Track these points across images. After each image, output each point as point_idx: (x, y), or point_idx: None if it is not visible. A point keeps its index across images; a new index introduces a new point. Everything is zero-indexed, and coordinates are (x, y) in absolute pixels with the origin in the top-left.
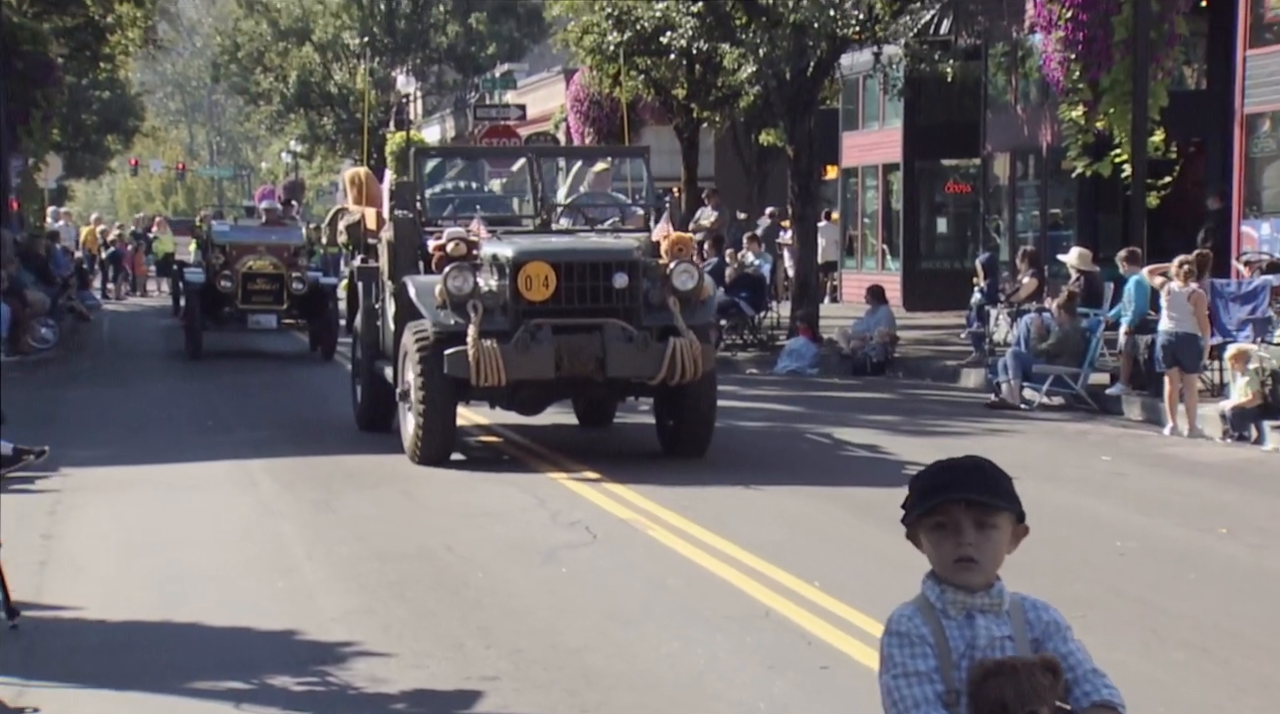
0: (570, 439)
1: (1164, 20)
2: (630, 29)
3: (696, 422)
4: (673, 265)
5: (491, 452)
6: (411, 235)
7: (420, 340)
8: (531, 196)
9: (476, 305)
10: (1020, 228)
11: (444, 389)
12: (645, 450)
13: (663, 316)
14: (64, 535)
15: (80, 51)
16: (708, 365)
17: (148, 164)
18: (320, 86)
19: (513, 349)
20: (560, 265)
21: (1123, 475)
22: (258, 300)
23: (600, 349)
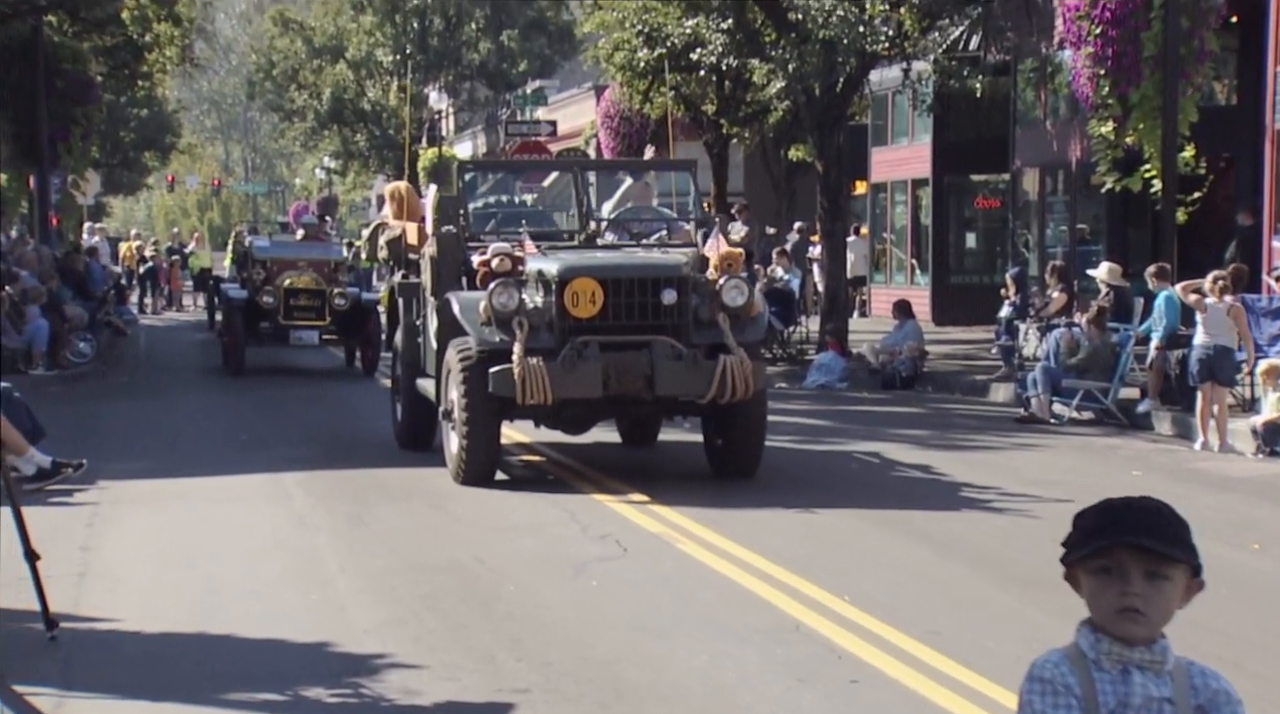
0: (613, 458)
1: (1194, 36)
2: (661, 46)
3: (746, 441)
4: (722, 281)
5: (534, 471)
6: (455, 251)
7: (464, 358)
8: (576, 211)
9: (522, 322)
10: (1049, 243)
11: (488, 408)
12: (690, 470)
13: (712, 334)
14: (101, 547)
15: (119, 70)
16: (759, 384)
17: (184, 180)
18: (354, 103)
19: (559, 367)
20: (607, 281)
21: (1153, 490)
22: (300, 316)
23: (648, 367)
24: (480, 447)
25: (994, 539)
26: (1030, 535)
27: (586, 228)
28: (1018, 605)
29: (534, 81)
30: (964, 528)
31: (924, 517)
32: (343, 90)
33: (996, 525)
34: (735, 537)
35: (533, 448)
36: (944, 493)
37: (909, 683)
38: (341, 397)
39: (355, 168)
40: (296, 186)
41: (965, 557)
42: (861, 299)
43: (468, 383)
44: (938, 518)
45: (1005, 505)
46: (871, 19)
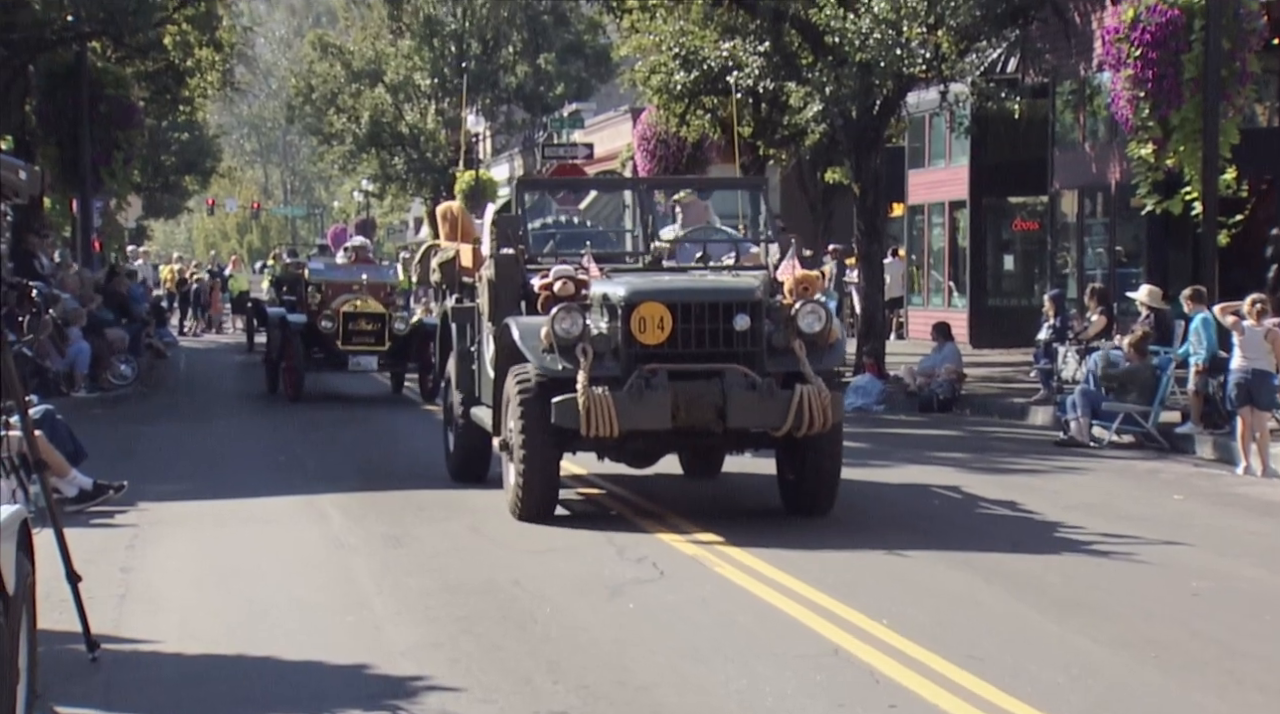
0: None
1: (1235, 58)
2: (697, 69)
3: (821, 476)
4: (798, 306)
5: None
6: (514, 273)
7: (524, 386)
8: (641, 232)
9: (586, 349)
10: (1088, 265)
11: (548, 439)
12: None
13: (787, 362)
14: (142, 569)
15: (161, 95)
16: (837, 416)
17: (224, 203)
18: (392, 127)
19: (625, 397)
20: (676, 306)
21: (1195, 515)
22: (359, 341)
23: (720, 397)
24: (540, 480)
25: (1035, 564)
26: (1072, 560)
27: (651, 249)
28: (1059, 631)
29: (571, 104)
30: (1005, 552)
31: (965, 541)
32: (381, 114)
33: (1037, 550)
34: (772, 560)
35: (588, 480)
36: (984, 517)
37: (949, 708)
38: (380, 420)
39: (393, 190)
40: (335, 209)
41: (1006, 581)
42: (899, 321)
43: (527, 413)
44: (978, 542)
45: (1046, 530)
46: (909, 41)
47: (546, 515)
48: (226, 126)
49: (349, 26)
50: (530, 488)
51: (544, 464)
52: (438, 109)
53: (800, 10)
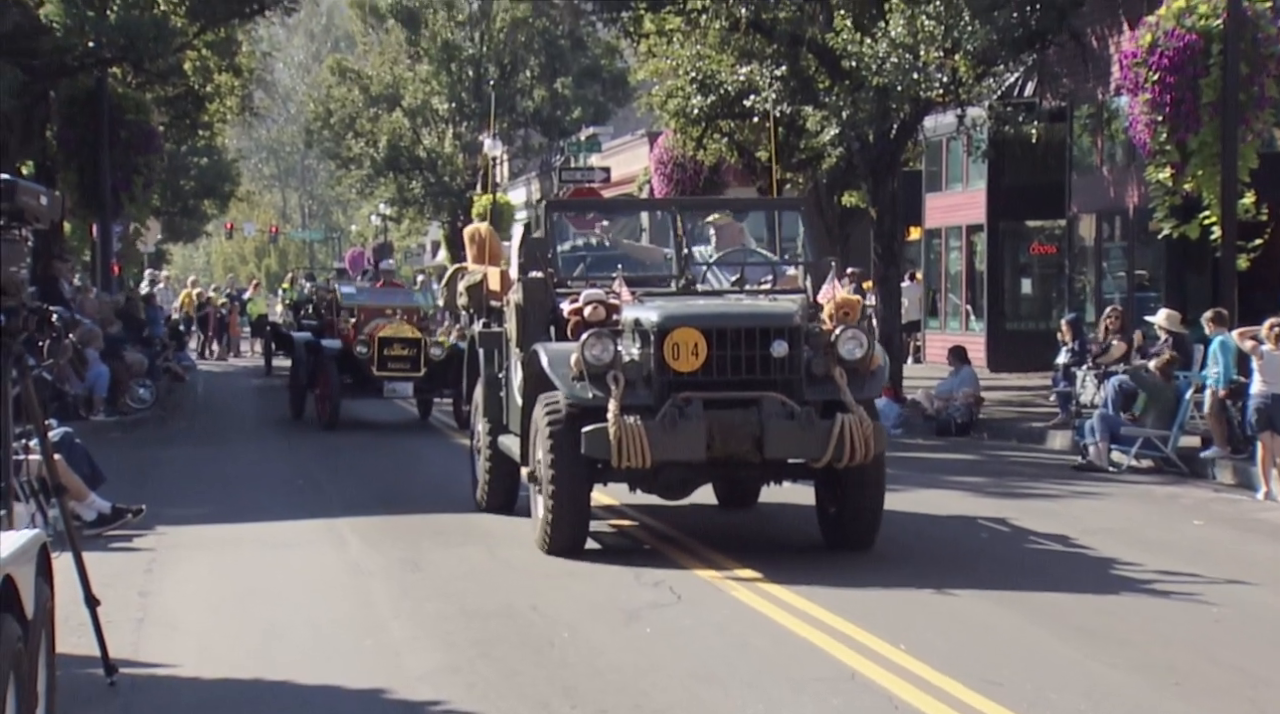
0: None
1: (1253, 83)
2: (714, 93)
3: (862, 509)
4: (838, 331)
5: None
6: (543, 298)
7: (553, 415)
8: (675, 254)
9: (618, 376)
10: (1106, 289)
11: (578, 470)
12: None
13: (827, 390)
14: (160, 593)
15: (180, 120)
16: (879, 446)
17: (242, 227)
18: (409, 151)
19: (659, 426)
20: (711, 332)
21: (1216, 541)
22: (394, 367)
23: (757, 427)
24: (569, 513)
25: (1054, 589)
26: (1092, 586)
27: (685, 272)
28: (1079, 657)
29: (588, 128)
30: (1024, 577)
31: (983, 564)
32: (399, 138)
33: (1057, 575)
34: (787, 583)
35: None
36: (1004, 542)
37: None
38: (398, 445)
39: (410, 214)
40: (352, 233)
41: (1025, 606)
42: (916, 345)
43: (557, 443)
44: (998, 566)
45: (1065, 555)
46: (926, 66)
47: (577, 550)
48: (245, 151)
49: (367, 51)
50: (560, 521)
51: (574, 496)
52: (455, 133)
53: (817, 34)
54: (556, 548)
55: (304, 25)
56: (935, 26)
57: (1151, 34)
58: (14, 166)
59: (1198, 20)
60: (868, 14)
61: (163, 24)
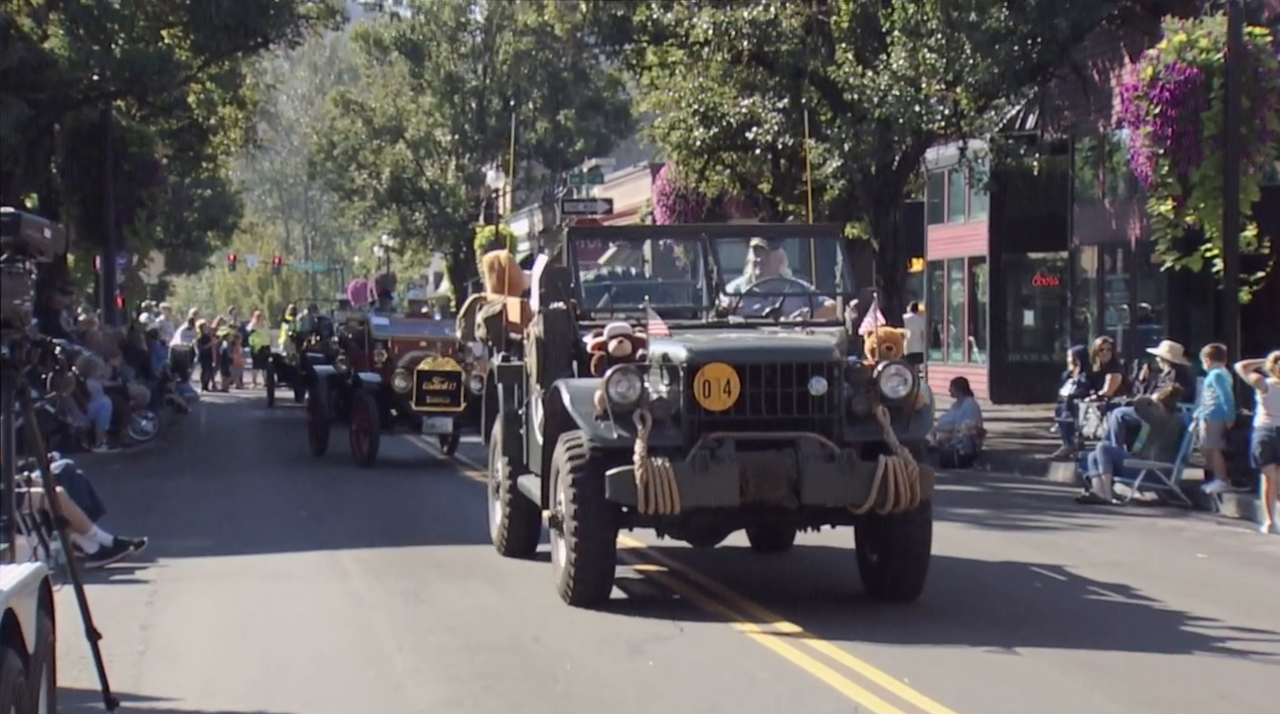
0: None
1: (1255, 116)
2: (716, 125)
3: (907, 558)
4: (881, 367)
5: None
6: (565, 330)
7: (575, 456)
8: (705, 284)
9: (645, 415)
10: (1109, 321)
11: (603, 515)
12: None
13: (869, 430)
14: (162, 625)
15: (184, 152)
16: (925, 491)
17: (245, 259)
18: (412, 182)
19: (688, 469)
20: (745, 367)
21: (1220, 574)
22: (434, 401)
23: (794, 470)
24: (594, 561)
25: (1060, 623)
26: (1097, 619)
27: (715, 304)
28: (1084, 692)
29: (590, 160)
30: (1027, 611)
31: (1041, 618)
32: (402, 169)
33: (1062, 609)
34: (791, 616)
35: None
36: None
37: None
38: (401, 476)
39: (413, 246)
40: (355, 264)
41: (1029, 640)
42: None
43: (579, 486)
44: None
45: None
46: (927, 98)
47: (602, 600)
48: (248, 183)
49: (370, 84)
50: (584, 570)
51: (599, 544)
52: (458, 165)
53: (819, 67)
54: (580, 598)
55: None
56: (937, 59)
57: (1153, 67)
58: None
59: (1199, 54)
60: (869, 47)
61: (167, 57)
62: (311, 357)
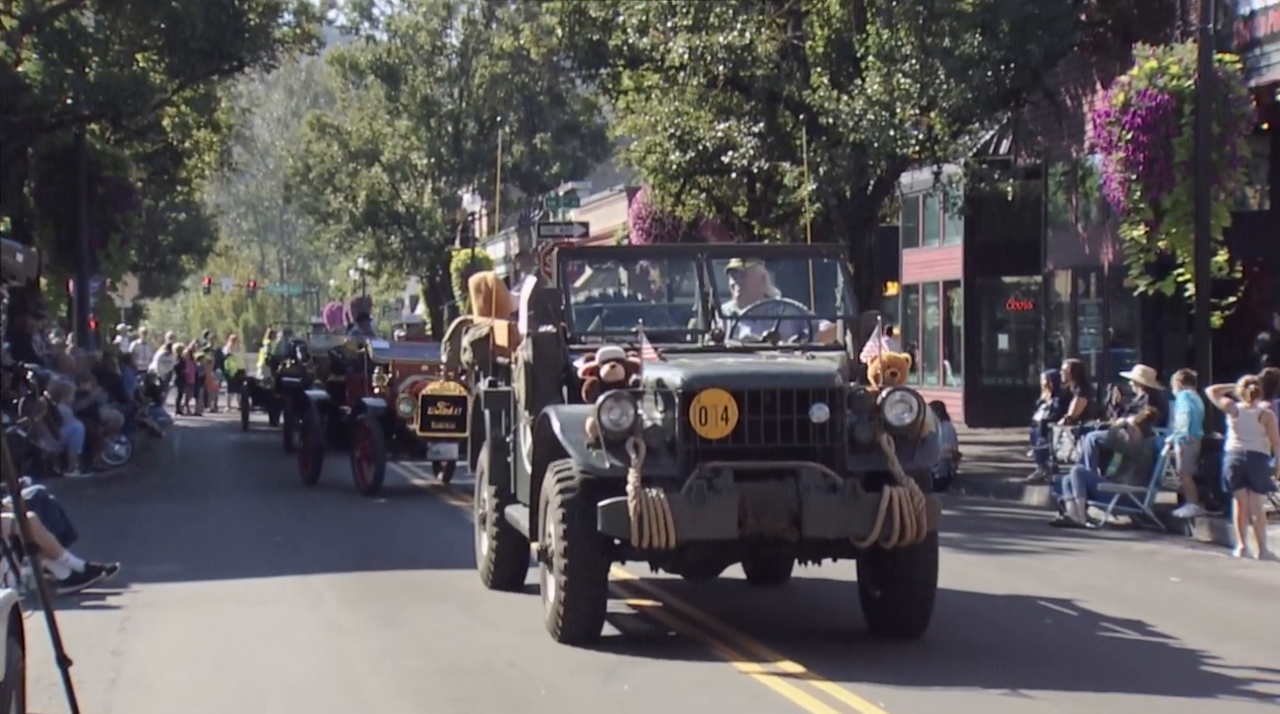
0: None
1: (1225, 143)
2: (692, 149)
3: (913, 593)
4: (885, 394)
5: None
6: (555, 355)
7: (565, 487)
8: (700, 307)
9: (638, 444)
10: (1083, 345)
11: (594, 548)
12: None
13: (873, 459)
14: (134, 652)
15: (159, 176)
16: (933, 523)
17: (220, 282)
18: (388, 206)
19: (684, 500)
20: (743, 394)
21: (1193, 598)
22: (439, 426)
23: (795, 501)
24: (584, 596)
25: (1034, 646)
26: (1070, 643)
27: (712, 327)
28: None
29: (567, 183)
30: (995, 634)
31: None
32: (378, 193)
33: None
34: (766, 639)
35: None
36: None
37: None
38: (376, 501)
39: (389, 269)
40: (331, 288)
41: (1003, 663)
42: None
43: (570, 518)
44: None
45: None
46: (902, 123)
47: (593, 637)
48: (223, 206)
49: (346, 107)
50: (574, 606)
51: (590, 578)
52: (434, 188)
53: (794, 92)
54: (570, 635)
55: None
56: (911, 84)
57: (1124, 93)
58: None
59: (1170, 80)
60: (844, 72)
61: (141, 81)
62: (288, 380)
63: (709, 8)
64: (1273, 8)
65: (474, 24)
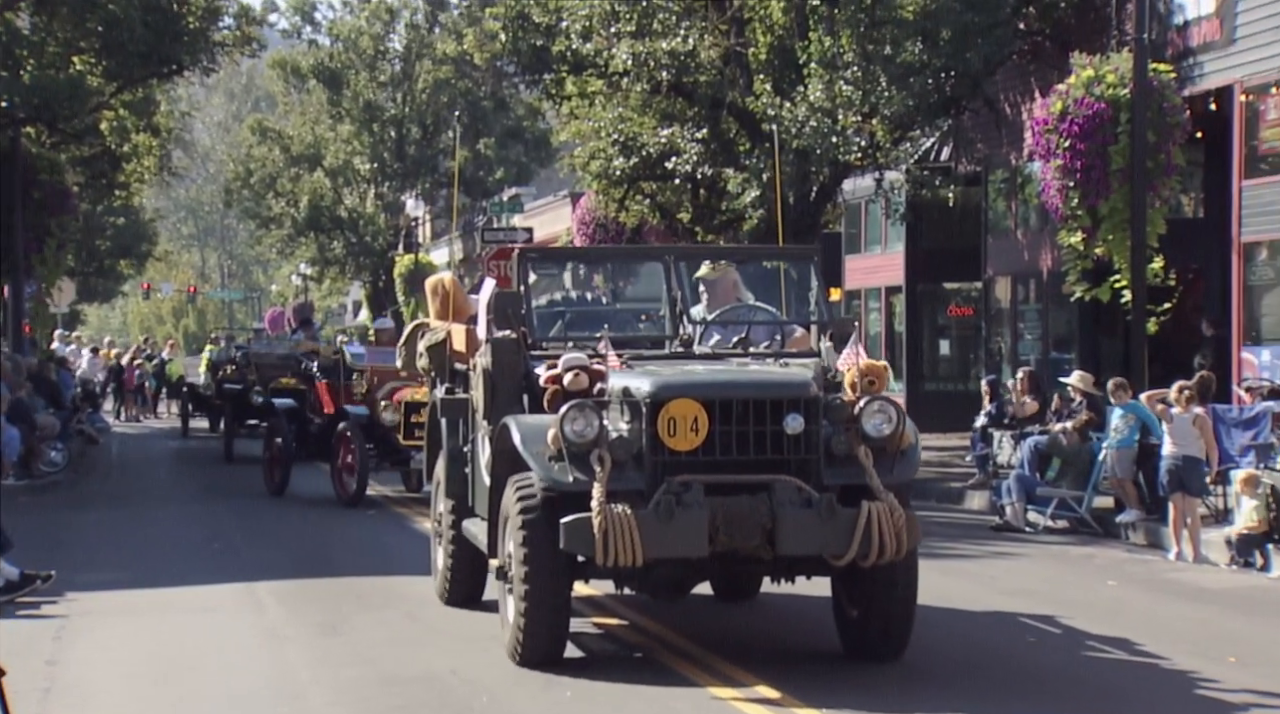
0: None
1: (1161, 150)
2: (636, 154)
3: (891, 613)
4: (863, 403)
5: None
6: (515, 361)
7: (526, 501)
8: (669, 311)
9: (603, 456)
10: (1022, 351)
11: (556, 567)
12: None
13: (850, 473)
14: (69, 662)
15: (96, 180)
16: (913, 540)
17: (159, 287)
18: (330, 211)
19: (652, 516)
20: (714, 403)
21: (1129, 601)
22: (421, 434)
23: (769, 517)
24: (545, 617)
25: (972, 649)
26: (1008, 647)
27: (680, 333)
28: None
29: (510, 189)
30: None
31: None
32: (320, 198)
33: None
34: (709, 645)
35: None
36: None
37: None
38: (318, 507)
39: (331, 274)
40: (273, 293)
41: (942, 670)
42: None
43: (530, 534)
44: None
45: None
46: (844, 130)
47: (554, 660)
48: (163, 210)
49: (288, 111)
50: (534, 627)
51: (551, 598)
52: (377, 193)
53: (738, 98)
54: (530, 658)
55: (224, 85)
56: (853, 92)
57: (1062, 102)
58: None
59: (1106, 89)
60: (787, 79)
61: (78, 84)
62: (229, 387)
63: (652, 14)
64: (1205, 18)
65: (417, 29)
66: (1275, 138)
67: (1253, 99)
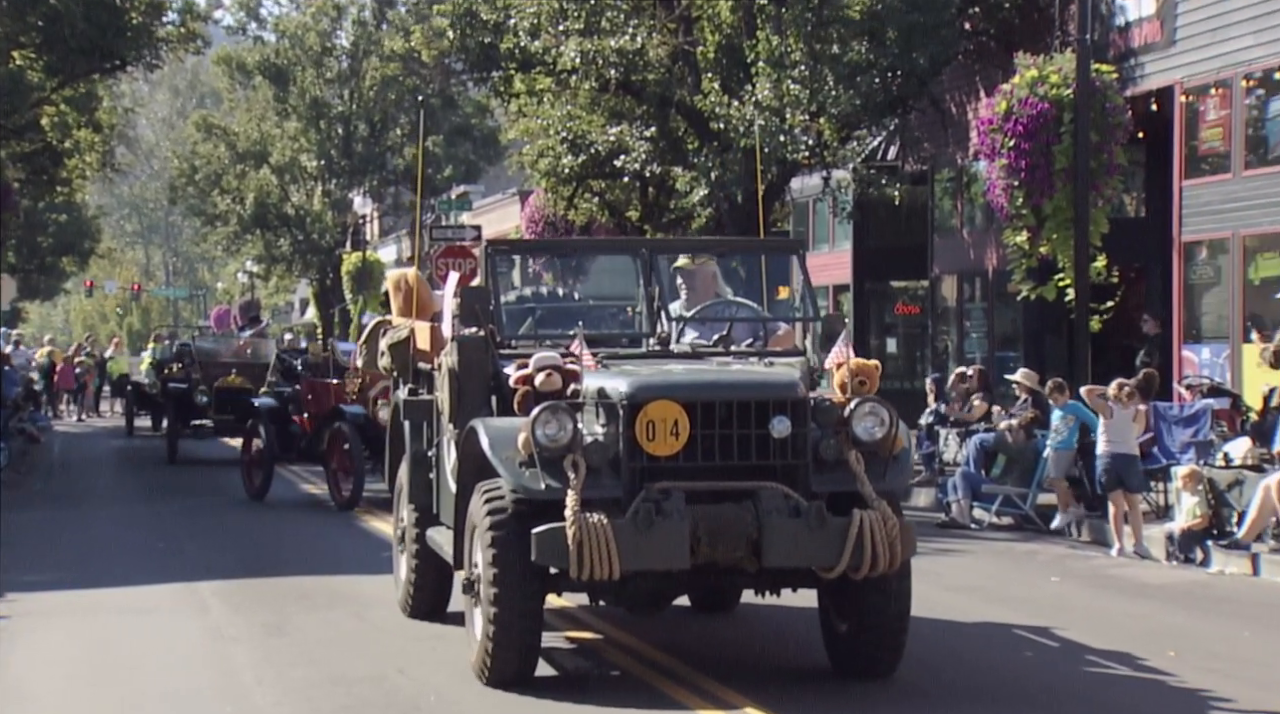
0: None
1: (1103, 150)
2: (584, 152)
3: (883, 629)
4: (853, 405)
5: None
6: (483, 360)
7: (495, 510)
8: (645, 308)
9: (577, 462)
10: (968, 349)
11: (527, 580)
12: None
13: (840, 479)
14: (10, 662)
15: (37, 176)
16: (908, 551)
17: (103, 285)
18: (277, 208)
19: (630, 526)
20: (696, 405)
21: (1073, 597)
22: None
23: (754, 526)
24: (516, 633)
25: (920, 646)
26: (958, 644)
27: (658, 331)
28: None
29: (459, 186)
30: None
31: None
32: (266, 195)
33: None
34: (661, 644)
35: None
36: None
37: None
38: (264, 506)
39: (278, 272)
40: (219, 291)
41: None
42: None
43: (500, 545)
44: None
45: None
46: (792, 128)
47: (525, 678)
48: (107, 207)
49: (234, 108)
50: (504, 644)
51: (522, 613)
52: (324, 190)
53: (686, 97)
54: (499, 677)
55: (168, 81)
56: (800, 91)
57: (1006, 102)
58: None
59: (1050, 89)
60: (735, 77)
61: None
62: (173, 386)
63: (600, 12)
64: (1146, 20)
65: (364, 25)
66: (1215, 138)
67: (1193, 100)
